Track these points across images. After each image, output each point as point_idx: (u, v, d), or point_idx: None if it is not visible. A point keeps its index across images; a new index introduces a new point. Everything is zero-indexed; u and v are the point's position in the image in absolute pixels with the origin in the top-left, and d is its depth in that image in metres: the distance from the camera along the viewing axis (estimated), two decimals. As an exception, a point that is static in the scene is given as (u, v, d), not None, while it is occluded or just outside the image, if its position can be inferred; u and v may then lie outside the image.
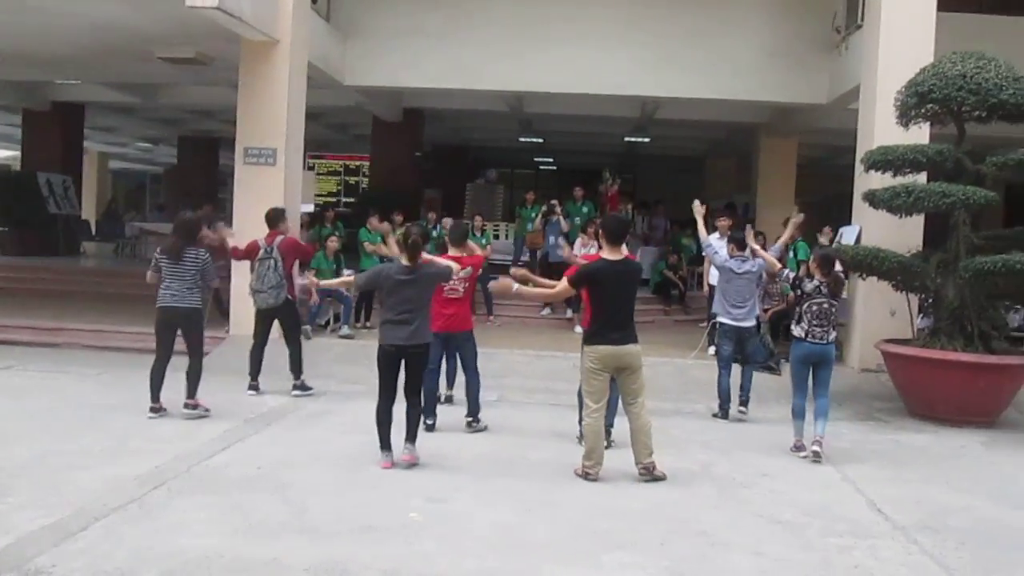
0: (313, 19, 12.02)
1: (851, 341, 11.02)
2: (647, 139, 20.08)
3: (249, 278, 9.08)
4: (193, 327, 8.02)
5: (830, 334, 7.43)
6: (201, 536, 5.04)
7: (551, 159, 26.37)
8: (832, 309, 7.36)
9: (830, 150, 20.71)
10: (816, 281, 7.43)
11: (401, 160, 17.78)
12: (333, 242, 11.72)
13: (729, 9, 13.47)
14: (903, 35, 10.48)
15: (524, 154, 25.55)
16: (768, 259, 8.55)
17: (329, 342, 11.45)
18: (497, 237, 16.92)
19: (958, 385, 8.92)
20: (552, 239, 14.59)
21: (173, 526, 5.19)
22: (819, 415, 7.48)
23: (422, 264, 6.72)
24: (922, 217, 10.30)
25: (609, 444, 7.09)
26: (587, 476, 6.53)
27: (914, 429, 8.93)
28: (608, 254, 6.57)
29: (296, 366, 9.16)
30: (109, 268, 16.72)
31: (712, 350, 11.08)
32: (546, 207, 15.10)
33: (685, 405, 9.48)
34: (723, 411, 8.88)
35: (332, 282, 8.91)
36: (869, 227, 10.64)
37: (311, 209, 12.74)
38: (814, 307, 7.34)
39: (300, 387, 9.12)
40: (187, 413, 7.85)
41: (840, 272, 7.65)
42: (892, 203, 8.97)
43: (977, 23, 12.10)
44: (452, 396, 8.84)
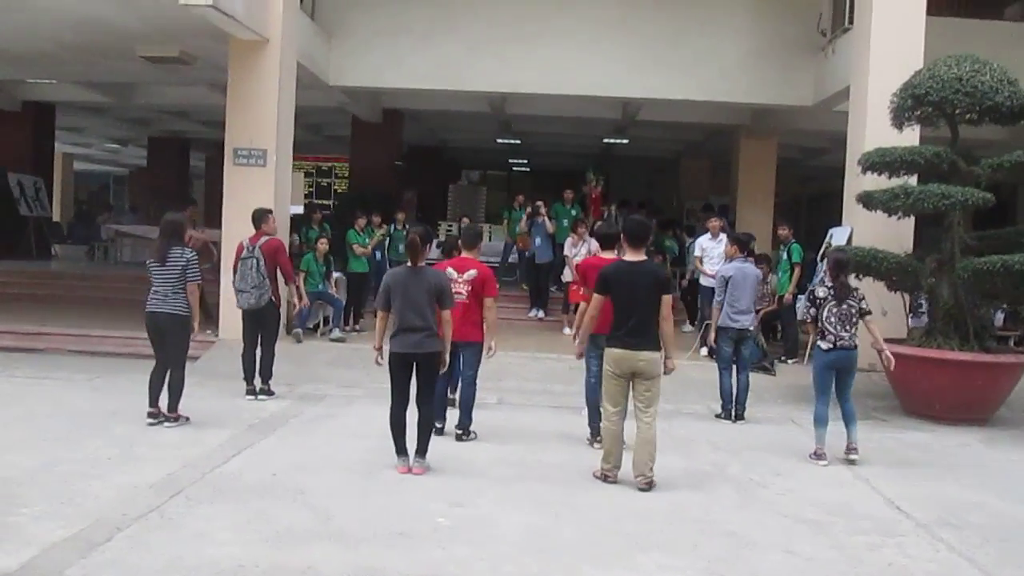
0: (300, 17, 11.88)
1: (842, 341, 11.11)
2: (625, 141, 20.12)
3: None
4: (171, 333, 7.64)
5: (854, 339, 7.38)
6: (229, 545, 4.92)
7: (525, 161, 26.34)
8: (851, 311, 7.35)
9: (802, 151, 20.94)
10: (828, 286, 7.44)
11: (380, 161, 17.64)
12: (323, 244, 11.56)
13: (714, 11, 13.56)
14: (893, 38, 10.60)
15: (498, 155, 25.49)
16: None
17: (321, 345, 11.32)
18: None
19: (955, 384, 9.02)
20: (538, 240, 14.57)
21: (198, 535, 5.06)
22: (849, 421, 7.46)
23: (427, 268, 6.64)
24: (913, 218, 10.44)
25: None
26: (606, 478, 6.51)
27: (913, 427, 9.02)
28: (629, 255, 6.55)
29: (266, 371, 8.92)
30: (88, 271, 16.35)
31: (704, 351, 11.14)
32: (531, 208, 15.06)
33: (684, 406, 9.47)
34: (726, 411, 8.90)
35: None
36: (860, 228, 10.76)
37: (300, 210, 12.58)
38: (834, 310, 7.33)
39: (265, 391, 8.85)
40: (170, 426, 7.58)
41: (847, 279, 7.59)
42: (890, 204, 9.05)
43: (961, 27, 12.29)
44: (454, 400, 8.74)
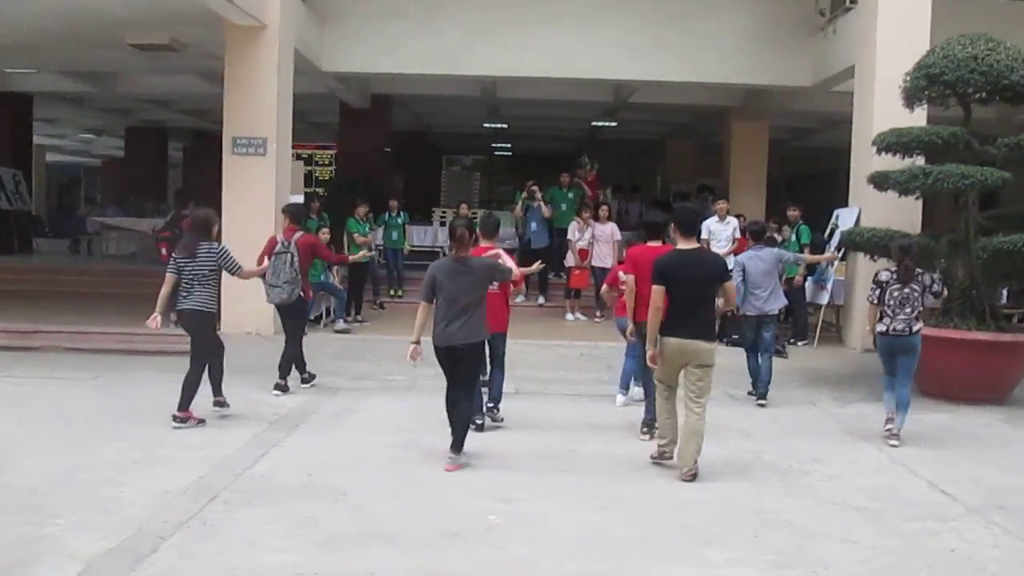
0: (296, 2, 11.58)
1: (851, 322, 11.11)
2: (614, 124, 19.97)
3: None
4: (197, 330, 7.49)
5: (915, 323, 7.36)
6: (282, 552, 4.74)
7: (508, 145, 26.10)
8: (913, 294, 7.32)
9: (789, 132, 20.89)
10: (892, 271, 7.43)
11: (369, 147, 17.35)
12: (325, 234, 11.29)
13: (713, -8, 13.41)
14: (900, 17, 10.53)
15: (481, 140, 25.23)
16: None
17: (326, 337, 11.10)
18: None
19: (973, 364, 8.99)
20: (534, 225, 14.42)
21: (247, 543, 4.88)
22: (901, 407, 7.44)
23: (471, 257, 6.48)
24: (921, 199, 10.41)
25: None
26: (663, 456, 6.48)
27: (932, 408, 8.95)
28: (682, 244, 6.42)
29: (286, 366, 8.72)
30: (74, 266, 15.98)
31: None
32: (526, 193, 14.88)
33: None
34: (758, 388, 8.85)
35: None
36: (867, 208, 10.72)
37: (300, 200, 12.27)
38: (895, 294, 7.31)
39: (281, 388, 8.62)
40: (177, 426, 7.33)
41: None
42: (909, 185, 8.98)
43: (962, 6, 12.19)
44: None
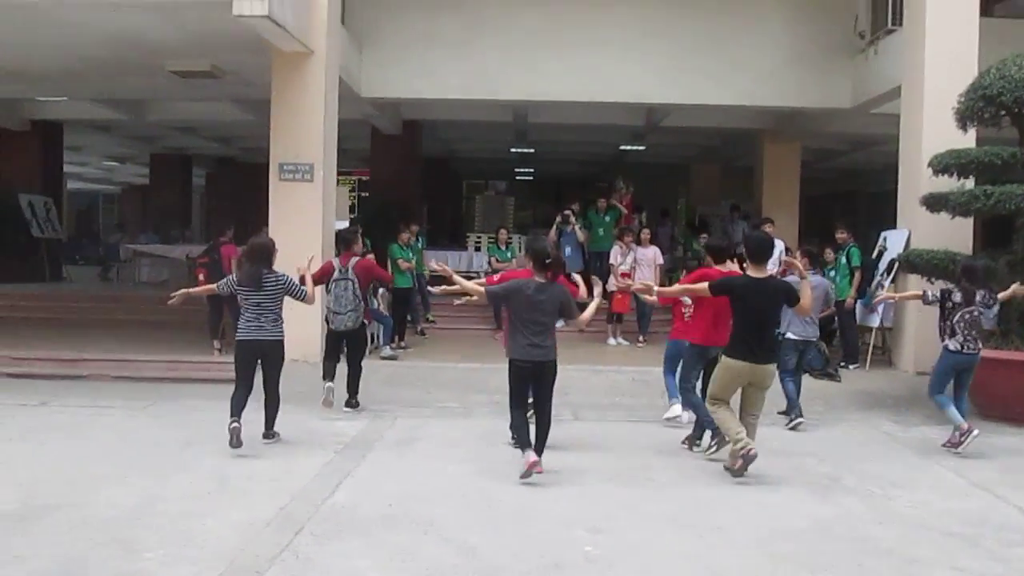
0: (339, 28, 11.58)
1: (903, 344, 11.00)
2: (643, 147, 19.96)
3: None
4: (274, 360, 7.53)
5: (979, 343, 7.61)
6: (385, 585, 4.63)
7: (531, 169, 26.10)
8: (980, 317, 7.48)
9: (814, 154, 20.83)
10: (962, 292, 7.45)
11: (401, 172, 17.34)
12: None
13: (748, 15, 13.42)
14: (949, 38, 10.52)
15: (504, 164, 25.24)
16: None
17: (373, 364, 10.91)
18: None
19: (1037, 386, 8.88)
20: (568, 250, 14.31)
21: None
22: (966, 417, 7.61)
23: (554, 283, 6.50)
24: (972, 220, 10.34)
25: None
26: (748, 454, 6.48)
27: (995, 431, 8.79)
28: (753, 272, 6.49)
29: (354, 385, 9.01)
30: (107, 293, 15.93)
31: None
32: (559, 217, 14.81)
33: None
34: (792, 411, 8.73)
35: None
36: (917, 230, 10.64)
37: (346, 225, 12.22)
38: (966, 316, 7.41)
39: (352, 405, 8.94)
40: (266, 443, 7.53)
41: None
42: (970, 206, 8.92)
43: (1003, 27, 12.19)
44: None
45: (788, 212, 16.80)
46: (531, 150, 21.11)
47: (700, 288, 6.84)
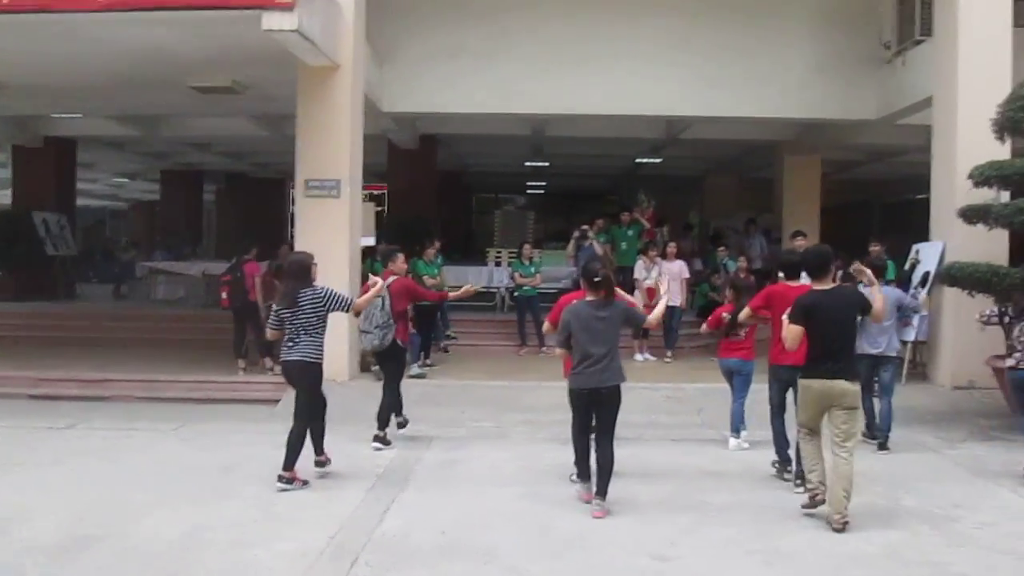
0: (364, 43, 11.44)
1: (939, 358, 10.82)
2: (659, 160, 19.82)
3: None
4: (305, 382, 7.08)
5: None
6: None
7: (543, 183, 25.99)
8: None
9: (834, 166, 20.70)
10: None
11: (418, 187, 17.22)
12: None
13: (772, 27, 13.28)
14: (982, 48, 10.38)
15: (517, 178, 25.14)
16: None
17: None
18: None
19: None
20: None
21: (414, 609, 4.59)
22: None
23: (615, 300, 6.30)
24: (1007, 233, 10.17)
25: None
26: (815, 500, 6.22)
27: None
28: (817, 285, 6.25)
29: (384, 416, 8.39)
30: (128, 311, 15.72)
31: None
32: (578, 232, 14.66)
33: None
34: (871, 432, 8.53)
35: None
36: (952, 242, 10.48)
37: (372, 242, 12.07)
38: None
39: (380, 440, 8.28)
40: (317, 470, 7.22)
41: None
42: (1014, 219, 8.75)
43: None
44: None
45: (809, 225, 16.51)
46: (546, 164, 20.99)
47: (794, 332, 6.21)
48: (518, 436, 8.90)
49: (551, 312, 7.31)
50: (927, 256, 11.04)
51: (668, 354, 12.71)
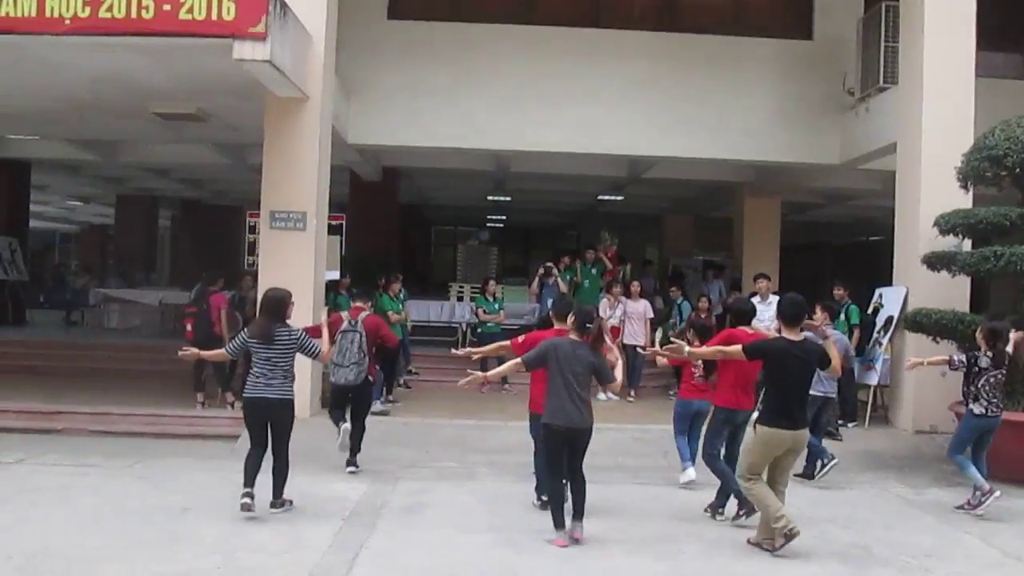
0: (332, 74, 11.34)
1: (901, 402, 10.92)
2: (620, 198, 19.92)
3: None
4: (283, 423, 7.05)
5: (1000, 406, 7.68)
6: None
7: (503, 217, 25.99)
8: (1002, 379, 7.35)
9: (791, 207, 20.96)
10: (989, 355, 7.37)
11: (379, 219, 17.07)
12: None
13: (737, 71, 13.46)
14: (945, 97, 10.57)
15: (475, 212, 25.08)
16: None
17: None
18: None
19: (1043, 446, 8.81)
20: (550, 302, 14.05)
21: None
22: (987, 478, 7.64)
23: (598, 351, 6.33)
24: (969, 280, 10.32)
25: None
26: (791, 532, 6.19)
27: (1008, 493, 8.71)
28: (788, 334, 6.31)
29: (356, 445, 8.61)
30: (81, 341, 15.29)
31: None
32: (542, 269, 14.64)
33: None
34: (822, 457, 8.69)
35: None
36: (915, 287, 10.62)
37: (336, 276, 11.90)
38: (991, 380, 7.41)
39: (353, 464, 8.55)
40: (275, 511, 7.00)
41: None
42: (980, 267, 8.88)
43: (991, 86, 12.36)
44: None
45: (768, 266, 16.70)
46: (508, 199, 20.98)
47: (733, 351, 6.59)
48: (483, 477, 8.76)
49: (520, 341, 7.33)
50: (889, 301, 11.18)
51: (631, 393, 12.66)
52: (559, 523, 6.39)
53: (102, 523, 6.77)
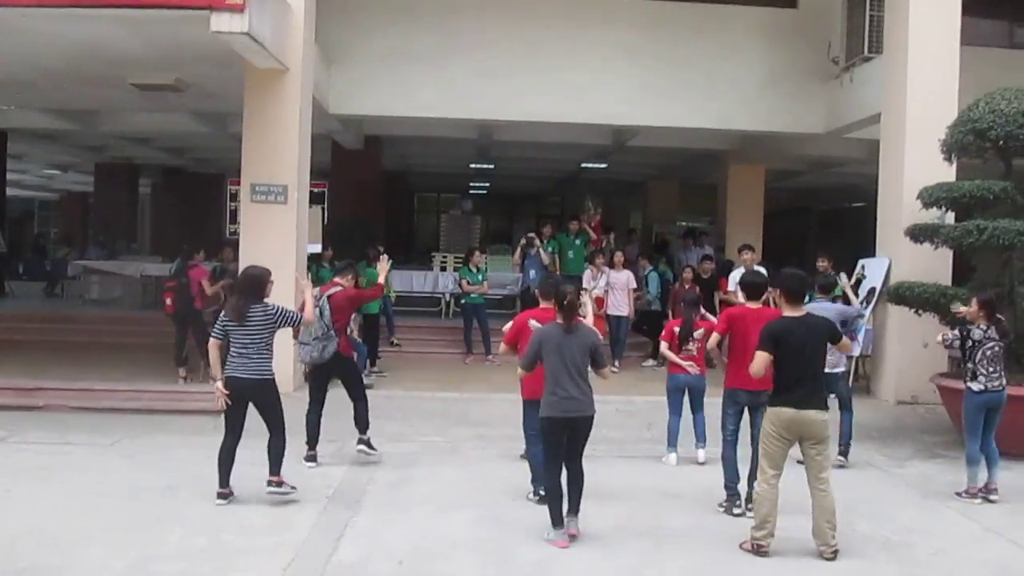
0: (312, 45, 11.16)
1: (883, 373, 10.99)
2: (604, 165, 19.83)
3: None
4: (267, 400, 6.94)
5: (1003, 378, 7.45)
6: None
7: (486, 183, 25.85)
8: (1000, 351, 7.35)
9: (775, 175, 20.94)
10: (983, 327, 7.34)
11: (362, 188, 16.94)
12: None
13: (722, 40, 13.39)
14: (931, 66, 10.55)
15: (459, 180, 24.95)
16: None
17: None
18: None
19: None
20: (532, 273, 14.03)
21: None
22: (992, 462, 7.47)
23: (578, 324, 6.17)
24: (951, 252, 10.34)
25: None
26: (758, 549, 6.01)
27: (1002, 466, 8.77)
28: (789, 311, 6.15)
29: (363, 422, 8.25)
30: (62, 313, 15.13)
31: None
32: (524, 240, 14.56)
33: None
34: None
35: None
36: (897, 259, 10.65)
37: (319, 249, 11.80)
38: (988, 353, 7.27)
39: (365, 443, 8.18)
40: (272, 492, 6.86)
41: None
42: (963, 240, 8.88)
43: (979, 55, 12.31)
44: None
45: (752, 234, 16.74)
46: (491, 166, 20.86)
47: (761, 360, 6.02)
48: (469, 452, 8.78)
49: (508, 332, 7.17)
50: (872, 272, 11.20)
51: (615, 364, 12.67)
52: (558, 521, 6.09)
53: (87, 504, 6.74)
